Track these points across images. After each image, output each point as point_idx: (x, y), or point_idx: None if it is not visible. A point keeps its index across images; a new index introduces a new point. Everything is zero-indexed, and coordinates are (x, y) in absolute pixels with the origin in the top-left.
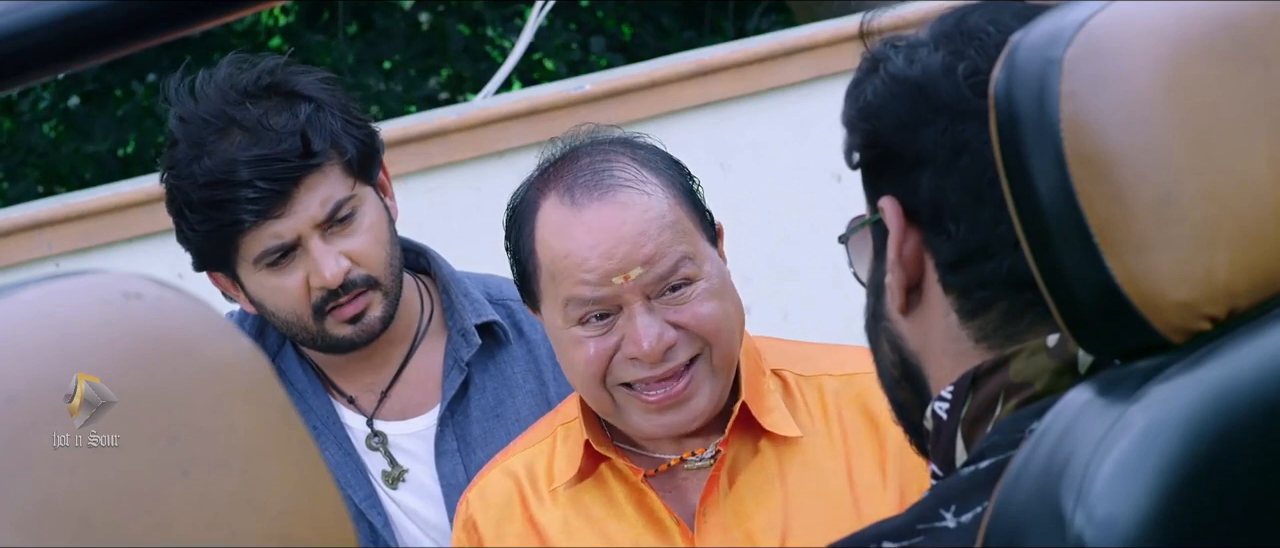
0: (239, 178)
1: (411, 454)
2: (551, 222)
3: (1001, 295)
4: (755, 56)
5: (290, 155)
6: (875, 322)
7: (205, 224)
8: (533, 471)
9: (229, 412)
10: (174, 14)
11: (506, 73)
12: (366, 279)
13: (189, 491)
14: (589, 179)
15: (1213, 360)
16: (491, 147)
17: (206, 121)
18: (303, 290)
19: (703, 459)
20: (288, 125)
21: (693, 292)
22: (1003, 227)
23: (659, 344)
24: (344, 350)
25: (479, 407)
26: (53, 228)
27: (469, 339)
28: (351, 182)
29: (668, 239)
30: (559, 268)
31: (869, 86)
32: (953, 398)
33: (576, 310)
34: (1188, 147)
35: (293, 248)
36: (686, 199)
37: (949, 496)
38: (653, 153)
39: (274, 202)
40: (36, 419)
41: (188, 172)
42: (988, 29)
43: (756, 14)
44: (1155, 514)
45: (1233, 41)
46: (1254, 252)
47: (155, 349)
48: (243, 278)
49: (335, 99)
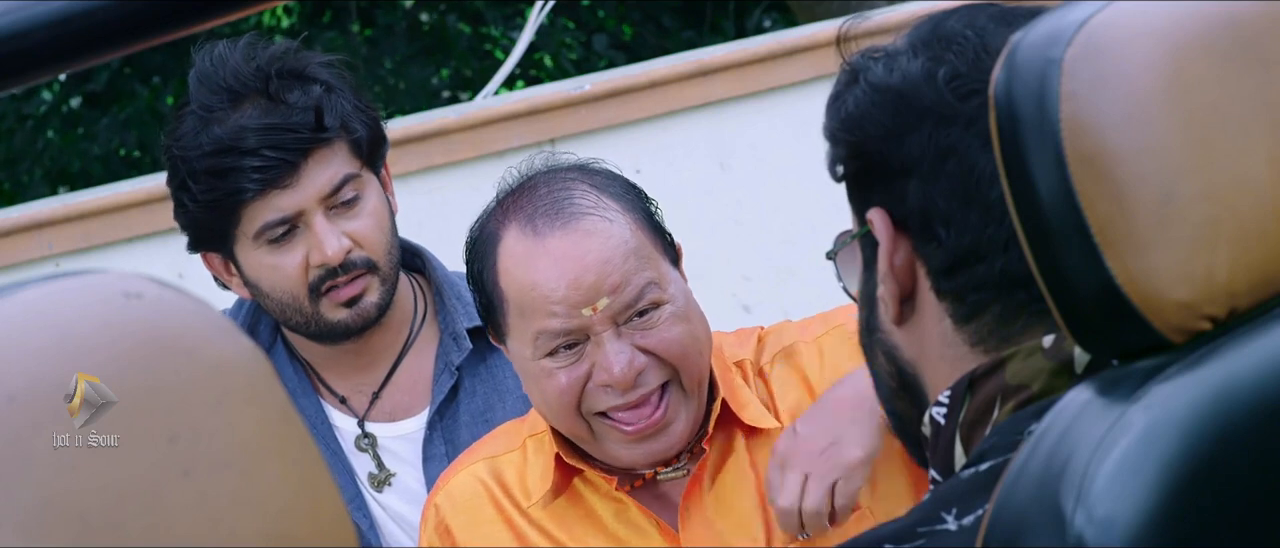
0: (247, 146)
1: (398, 457)
2: (514, 253)
3: (995, 298)
4: (755, 56)
5: (302, 127)
6: (869, 335)
7: (208, 194)
8: (503, 479)
9: (229, 412)
10: (174, 14)
11: (507, 72)
12: (366, 262)
13: (189, 491)
14: (549, 208)
15: (1213, 360)
16: (491, 147)
17: (221, 89)
18: (301, 270)
19: (677, 468)
20: (300, 100)
21: (660, 316)
22: (992, 229)
23: (629, 370)
24: (338, 338)
25: (468, 411)
26: (53, 228)
27: (460, 343)
28: (359, 163)
29: (633, 266)
30: (526, 301)
31: (850, 98)
32: (949, 402)
33: (547, 343)
34: (1188, 146)
35: (295, 225)
36: (646, 223)
37: (950, 498)
38: (609, 178)
39: (282, 172)
40: (36, 419)
41: (195, 141)
42: (966, 33)
43: (756, 14)
44: (1155, 514)
45: (1233, 42)
46: (1254, 252)
47: (155, 349)
48: (240, 256)
49: (346, 83)
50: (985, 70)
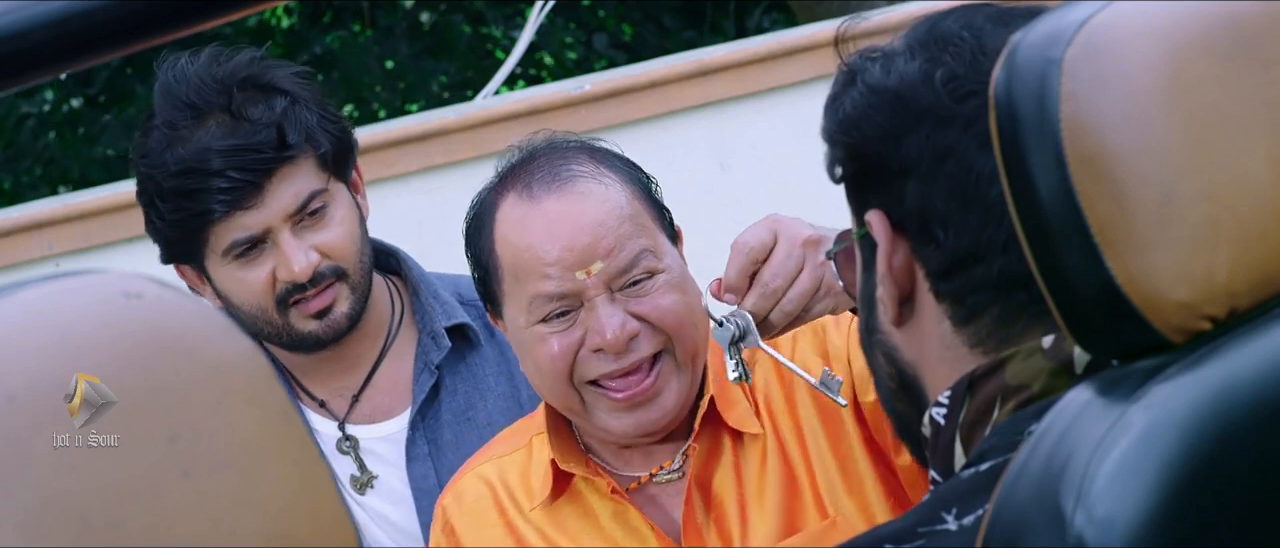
0: (212, 167)
1: (382, 458)
2: (510, 218)
3: (994, 299)
4: (755, 56)
5: (265, 146)
6: (869, 336)
7: (176, 214)
8: (507, 480)
9: (229, 412)
10: (174, 14)
11: (507, 72)
12: (335, 270)
13: (189, 491)
14: (546, 174)
15: (1213, 360)
16: (491, 147)
17: (184, 106)
18: (268, 284)
19: (672, 472)
20: (263, 116)
21: (654, 284)
22: (990, 230)
23: (622, 333)
24: (310, 348)
25: (450, 410)
26: (53, 228)
27: (439, 342)
28: (325, 176)
29: (628, 231)
30: (521, 263)
31: (847, 99)
32: (949, 403)
33: (541, 307)
34: (1188, 146)
35: (261, 241)
36: (644, 195)
37: (950, 498)
38: (609, 153)
39: (246, 193)
40: (36, 419)
41: (160, 160)
42: (962, 34)
43: (757, 14)
44: (1155, 514)
45: (1233, 42)
46: (1254, 252)
47: (155, 349)
48: (211, 271)
49: (310, 94)
50: (983, 71)
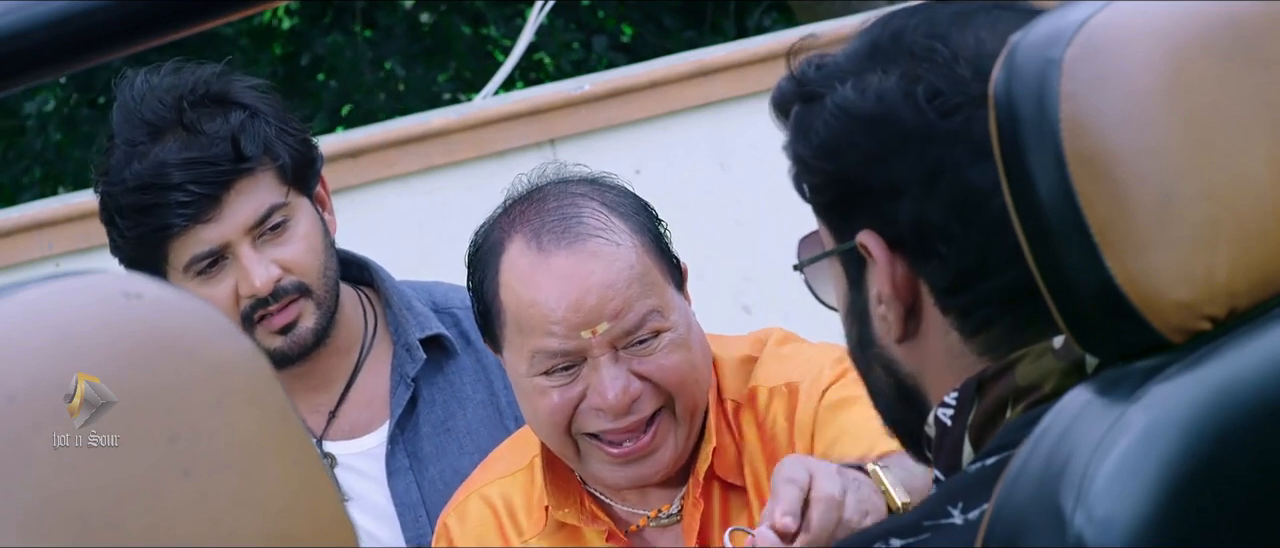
0: (170, 181)
1: (362, 474)
2: (517, 268)
3: (1005, 312)
4: (755, 56)
5: (221, 159)
6: (863, 349)
7: (135, 230)
8: (511, 503)
9: (229, 412)
10: (174, 14)
11: (507, 72)
12: (298, 285)
13: (189, 491)
14: (557, 225)
15: (1213, 360)
16: (491, 147)
17: (141, 123)
18: (231, 300)
19: (670, 516)
20: (220, 130)
21: (659, 344)
22: (995, 244)
23: (624, 396)
24: (279, 365)
25: (428, 422)
26: (53, 228)
27: (413, 354)
28: (285, 189)
29: (636, 292)
30: (525, 317)
31: (819, 123)
32: (957, 404)
33: (543, 362)
34: (1188, 146)
35: (221, 256)
36: (654, 245)
37: (956, 492)
38: (621, 196)
39: (204, 206)
40: (36, 419)
41: (119, 177)
42: (934, 45)
43: (757, 14)
44: (1155, 514)
45: (1233, 42)
46: (1254, 252)
47: (155, 349)
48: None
49: (271, 107)
50: (963, 82)
